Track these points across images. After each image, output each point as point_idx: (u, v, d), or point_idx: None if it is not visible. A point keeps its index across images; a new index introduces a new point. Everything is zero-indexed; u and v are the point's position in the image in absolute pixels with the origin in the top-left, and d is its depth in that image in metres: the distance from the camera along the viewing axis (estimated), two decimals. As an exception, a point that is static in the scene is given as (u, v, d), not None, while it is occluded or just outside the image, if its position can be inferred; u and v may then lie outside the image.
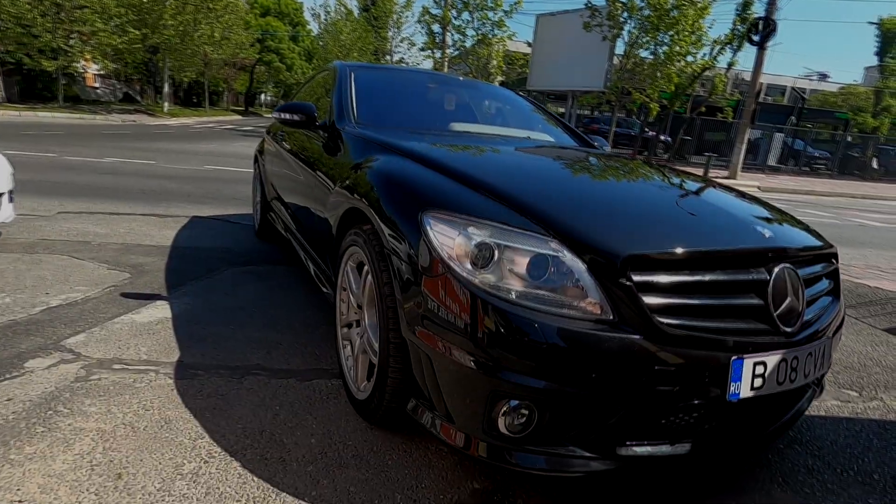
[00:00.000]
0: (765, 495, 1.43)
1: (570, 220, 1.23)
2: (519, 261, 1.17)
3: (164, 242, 3.54)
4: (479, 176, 1.44)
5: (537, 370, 1.10)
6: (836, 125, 26.22)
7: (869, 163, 21.29)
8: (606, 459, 1.16)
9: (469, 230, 1.21)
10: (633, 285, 1.12)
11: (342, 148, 2.09)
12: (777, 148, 20.48)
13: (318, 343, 2.20)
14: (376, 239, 1.46)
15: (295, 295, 2.74)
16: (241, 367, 1.92)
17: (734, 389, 1.17)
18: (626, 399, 1.12)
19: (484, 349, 1.12)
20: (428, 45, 18.44)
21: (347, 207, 1.69)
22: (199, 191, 5.77)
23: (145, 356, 1.94)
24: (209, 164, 8.27)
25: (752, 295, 1.23)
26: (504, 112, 2.94)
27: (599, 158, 2.07)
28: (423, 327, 1.22)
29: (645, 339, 1.11)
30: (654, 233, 1.26)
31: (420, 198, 1.36)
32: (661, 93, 16.09)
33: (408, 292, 1.27)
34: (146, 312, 2.35)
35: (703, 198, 1.61)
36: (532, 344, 1.09)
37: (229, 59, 28.19)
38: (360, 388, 1.60)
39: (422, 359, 1.24)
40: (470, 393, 1.16)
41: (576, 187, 1.59)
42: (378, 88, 2.60)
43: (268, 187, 3.57)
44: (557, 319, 1.10)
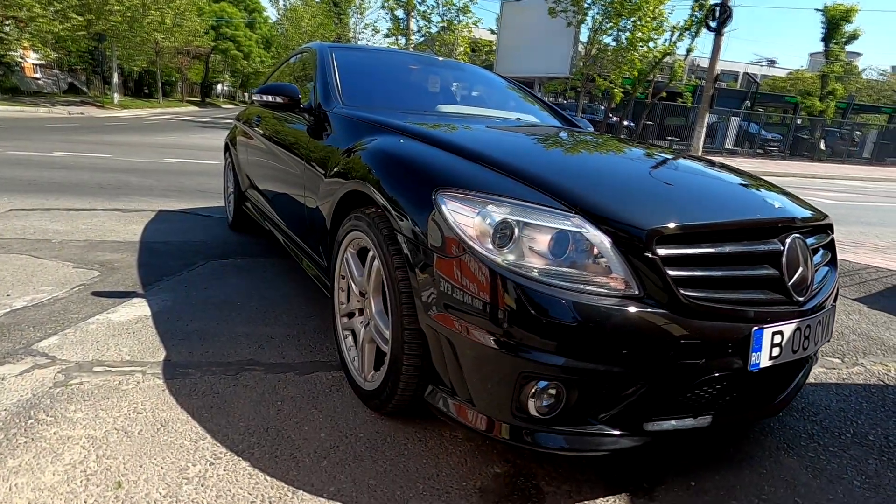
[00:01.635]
0: (774, 462, 1.46)
1: (591, 195, 1.20)
2: (540, 238, 1.14)
3: (131, 238, 3.35)
4: (488, 153, 1.39)
5: (566, 349, 1.07)
6: (786, 109, 27.38)
7: (817, 144, 22.39)
8: (635, 436, 1.15)
9: (488, 208, 1.17)
10: (658, 259, 1.10)
11: (329, 130, 2.00)
12: (733, 131, 21.25)
13: (311, 334, 2.12)
14: (384, 222, 1.39)
15: (279, 286, 2.64)
16: (234, 363, 1.83)
17: (755, 359, 1.18)
18: (654, 374, 1.11)
19: (511, 331, 1.08)
20: (392, 32, 18.10)
21: (346, 191, 1.61)
22: (162, 184, 5.49)
23: (128, 357, 1.81)
24: (169, 156, 7.89)
25: (766, 266, 1.24)
26: (489, 94, 2.89)
27: (596, 138, 2.05)
28: (442, 311, 1.17)
29: (671, 313, 1.10)
30: (673, 206, 1.25)
31: (430, 176, 1.30)
32: (623, 79, 16.38)
33: (423, 276, 1.22)
34: (122, 311, 2.20)
35: (708, 172, 1.61)
36: (560, 323, 1.06)
37: (182, 47, 26.92)
38: (368, 378, 1.54)
39: (442, 344, 1.20)
40: (497, 376, 1.12)
41: (586, 164, 1.56)
42: (361, 70, 2.50)
43: (242, 177, 3.42)
44: (585, 296, 1.08)
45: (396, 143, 1.54)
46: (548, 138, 1.87)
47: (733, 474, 1.39)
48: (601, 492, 1.28)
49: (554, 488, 1.28)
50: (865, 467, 1.47)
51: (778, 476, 1.40)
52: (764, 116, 23.71)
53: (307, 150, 2.06)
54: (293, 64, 3.14)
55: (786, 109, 27.45)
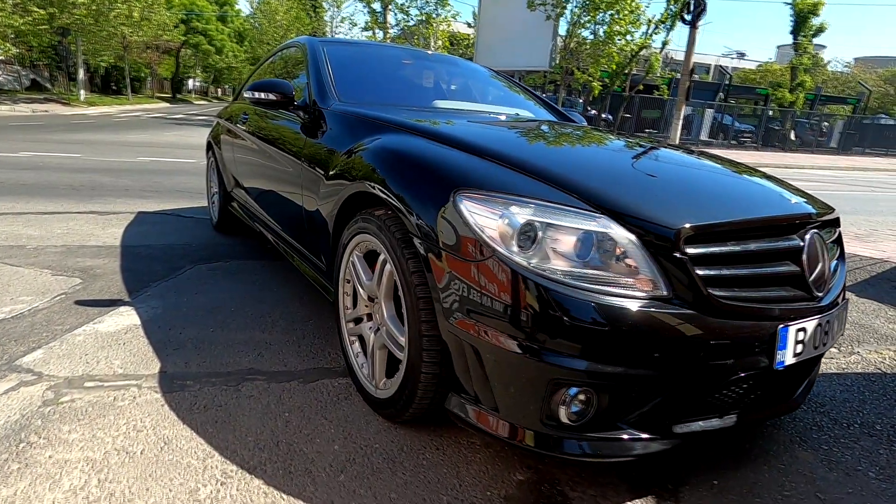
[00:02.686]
0: (791, 457, 1.46)
1: (616, 194, 1.17)
2: (566, 240, 1.10)
3: (111, 242, 3.21)
4: (505, 151, 1.35)
5: (597, 353, 1.04)
6: (757, 100, 28.02)
7: (788, 135, 22.99)
8: (664, 439, 1.13)
9: (511, 209, 1.12)
10: (687, 258, 1.08)
11: (325, 128, 1.93)
12: (708, 123, 21.65)
13: (311, 339, 2.05)
14: (396, 224, 1.34)
15: (272, 289, 2.56)
16: (234, 373, 1.75)
17: (780, 357, 1.17)
18: (684, 376, 1.09)
19: (540, 336, 1.04)
20: (370, 26, 17.84)
21: (351, 193, 1.55)
22: (138, 184, 5.30)
23: (120, 370, 1.72)
24: (142, 155, 7.64)
25: (787, 262, 1.23)
26: (484, 89, 2.84)
27: (604, 133, 2.02)
28: (466, 317, 1.13)
29: (700, 313, 1.07)
30: (697, 204, 1.23)
31: (447, 176, 1.25)
32: (601, 72, 16.49)
33: (444, 281, 1.17)
34: (110, 321, 2.10)
35: (722, 169, 1.59)
36: (591, 327, 1.03)
37: (151, 41, 26.06)
38: (380, 386, 1.49)
39: (465, 351, 1.15)
40: (525, 384, 1.09)
41: (605, 162, 1.53)
42: (354, 65, 2.42)
43: (227, 177, 3.30)
44: (614, 299, 1.05)
45: (406, 142, 1.48)
46: (559, 135, 1.83)
47: (752, 471, 1.39)
48: (627, 495, 1.26)
49: (579, 493, 1.25)
50: (878, 458, 1.48)
51: (796, 471, 1.40)
52: (736, 108, 24.22)
53: (304, 149, 1.98)
54: (280, 60, 3.04)
55: (756, 101, 28.10)
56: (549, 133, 1.85)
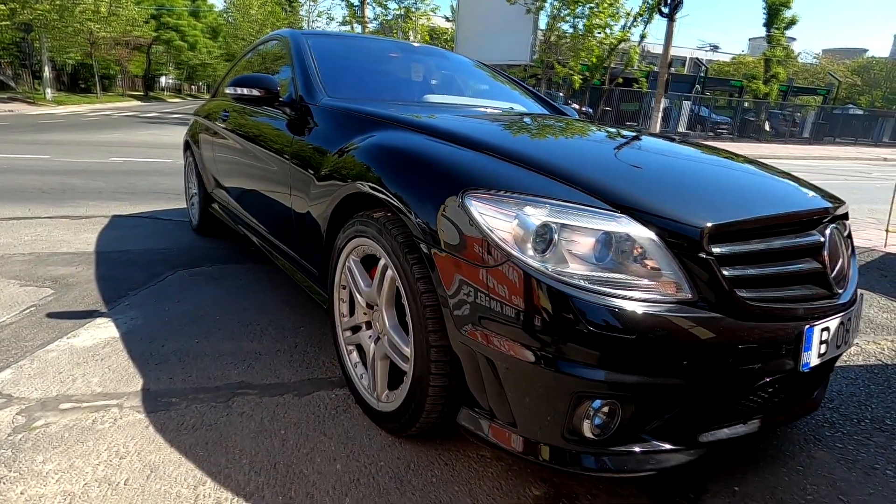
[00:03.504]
0: (808, 458, 1.43)
1: (633, 191, 1.10)
2: (584, 242, 1.03)
3: (85, 248, 3.04)
4: (510, 147, 1.27)
5: (624, 364, 0.97)
6: (732, 92, 28.48)
7: (762, 126, 23.43)
8: (690, 449, 1.08)
9: (525, 210, 1.05)
10: (713, 259, 1.02)
11: (313, 124, 1.82)
12: (686, 115, 21.92)
13: (303, 347, 1.95)
14: (398, 228, 1.25)
15: (259, 295, 2.44)
16: (224, 388, 1.65)
17: (805, 359, 1.12)
18: (712, 383, 1.03)
19: (561, 347, 0.97)
20: (347, 20, 17.54)
21: (346, 194, 1.45)
22: (111, 186, 5.08)
23: (99, 389, 1.60)
24: (115, 155, 7.35)
25: (809, 259, 1.18)
26: (474, 82, 2.76)
27: (606, 128, 1.95)
28: (480, 327, 1.05)
29: (728, 317, 1.02)
30: (717, 201, 1.17)
31: (454, 176, 1.16)
32: (581, 65, 16.52)
33: (454, 288, 1.09)
34: (85, 335, 1.96)
35: (735, 164, 1.53)
36: (617, 336, 0.96)
37: (120, 37, 25.25)
38: (382, 398, 1.40)
39: (479, 363, 1.07)
40: (546, 397, 1.01)
41: (620, 158, 1.45)
42: (340, 58, 2.31)
43: (207, 177, 3.16)
44: (638, 304, 0.98)
45: (406, 139, 1.39)
46: (563, 130, 1.75)
47: (771, 474, 1.35)
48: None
49: (599, 507, 1.19)
50: (894, 455, 1.46)
51: (815, 472, 1.37)
52: (713, 100, 24.58)
53: (291, 147, 1.87)
54: (259, 55, 2.90)
55: (731, 93, 28.56)
56: (552, 128, 1.77)
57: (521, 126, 1.74)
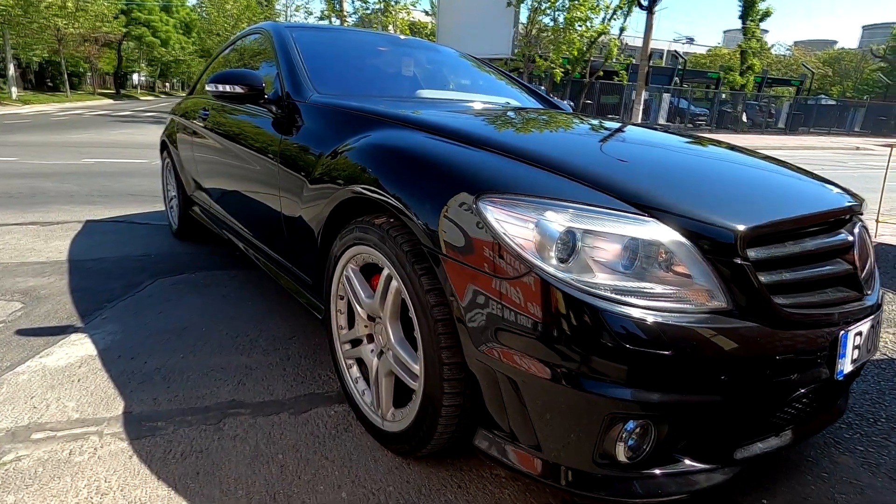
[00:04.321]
0: (831, 462, 1.38)
1: (661, 192, 1.02)
2: (610, 248, 0.95)
3: (56, 257, 2.87)
4: (522, 146, 1.18)
5: (662, 381, 0.89)
6: (709, 84, 28.86)
7: (740, 117, 23.80)
8: (726, 467, 1.01)
9: (546, 215, 0.96)
10: (749, 264, 0.94)
11: (302, 123, 1.71)
12: (665, 108, 22.13)
13: (297, 360, 1.84)
14: (403, 235, 1.15)
15: (247, 304, 2.32)
16: (214, 408, 1.53)
17: (841, 366, 1.06)
18: (749, 397, 0.96)
19: (593, 365, 0.89)
20: (326, 14, 17.21)
21: (344, 198, 1.35)
22: (84, 189, 4.86)
23: (76, 415, 1.47)
24: (87, 156, 7.07)
25: (839, 260, 1.12)
26: (466, 76, 2.66)
27: (614, 123, 1.86)
28: (501, 345, 0.96)
29: (766, 326, 0.95)
30: (748, 202, 1.10)
31: (465, 178, 1.07)
32: (562, 58, 16.52)
33: (470, 302, 1.00)
34: (59, 353, 1.82)
35: (752, 160, 1.46)
36: (654, 351, 0.88)
37: (89, 33, 24.40)
38: (388, 417, 1.31)
39: (500, 383, 0.99)
40: (576, 419, 0.93)
41: (641, 157, 1.37)
42: (327, 52, 2.19)
43: (186, 179, 3.01)
44: (670, 315, 0.90)
45: (407, 138, 1.28)
46: (573, 126, 1.66)
47: (798, 483, 1.29)
48: (676, 526, 1.14)
49: (625, 529, 1.12)
50: (916, 456, 1.42)
51: (841, 478, 1.32)
52: (691, 92, 24.86)
53: (280, 148, 1.75)
54: (237, 50, 2.75)
55: (708, 85, 28.93)
56: (560, 123, 1.68)
57: (528, 122, 1.65)
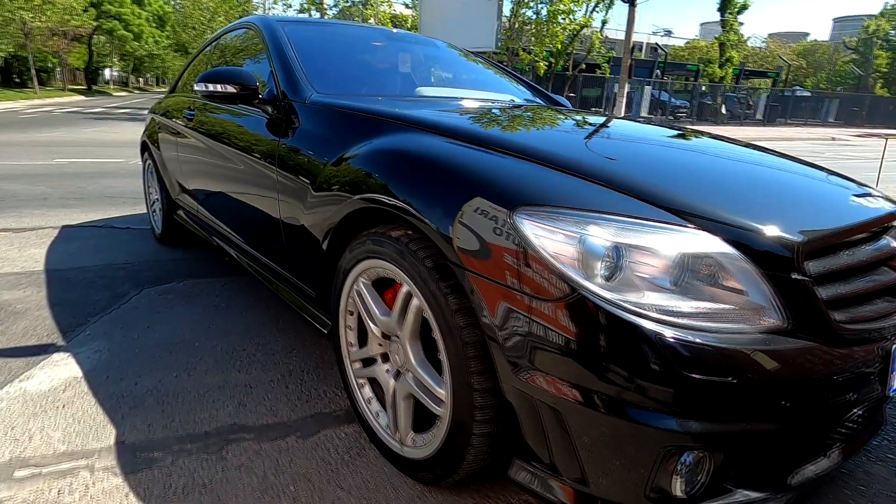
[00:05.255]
0: (865, 473, 1.34)
1: (708, 202, 0.95)
2: (660, 265, 0.87)
3: (33, 267, 2.70)
4: (551, 151, 1.09)
5: (721, 410, 0.82)
6: (689, 76, 29.16)
7: (719, 109, 24.11)
8: (780, 493, 0.94)
9: (590, 230, 0.88)
10: (808, 279, 0.88)
11: (301, 124, 1.60)
12: (647, 100, 22.28)
13: (299, 375, 1.74)
14: (426, 249, 1.06)
15: (240, 314, 2.20)
16: (214, 434, 1.43)
17: (892, 382, 1.00)
18: (809, 421, 0.90)
19: (650, 395, 0.81)
20: (305, 7, 16.84)
21: (355, 208, 1.25)
22: (57, 191, 4.63)
23: (63, 446, 1.35)
24: (59, 156, 6.78)
25: (885, 269, 1.07)
26: (464, 71, 2.56)
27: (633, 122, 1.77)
28: (543, 373, 0.88)
29: (825, 344, 0.88)
30: (799, 210, 1.04)
31: (498, 188, 0.97)
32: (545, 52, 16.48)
33: (507, 324, 0.91)
34: (41, 376, 1.69)
35: (788, 164, 1.39)
36: (712, 379, 0.81)
37: (57, 27, 23.50)
38: (407, 442, 1.22)
39: (542, 413, 0.91)
40: (628, 453, 0.86)
41: (678, 162, 1.28)
42: (322, 48, 2.07)
43: (170, 182, 2.86)
44: (727, 337, 0.83)
45: (428, 144, 1.18)
46: (597, 127, 1.56)
47: (836, 499, 1.25)
48: (720, 552, 1.08)
49: (668, 558, 1.05)
50: (947, 463, 1.39)
51: (879, 491, 1.28)
52: (671, 84, 25.09)
53: (278, 151, 1.63)
54: (221, 46, 2.61)
55: (687, 77, 29.24)
56: (582, 123, 1.59)
57: (547, 123, 1.55)
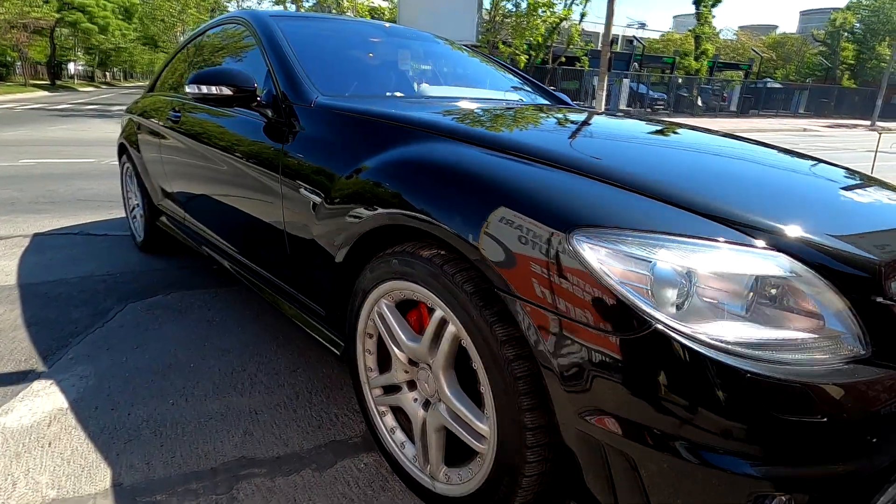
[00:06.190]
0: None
1: (778, 218, 0.87)
2: (735, 291, 0.79)
3: (3, 280, 2.50)
4: (602, 164, 1.00)
5: (810, 452, 0.75)
6: (664, 69, 29.53)
7: (695, 101, 24.49)
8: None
9: (659, 255, 0.79)
10: (892, 302, 0.81)
11: (301, 129, 1.48)
12: (626, 93, 22.48)
13: (307, 397, 1.63)
14: (465, 272, 0.96)
15: (238, 330, 2.07)
16: (221, 469, 1.31)
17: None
18: (889, 454, 0.84)
19: (734, 438, 0.74)
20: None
21: (379, 224, 1.14)
22: (26, 195, 4.36)
23: (53, 491, 1.22)
24: (26, 156, 6.43)
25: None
26: (465, 68, 2.45)
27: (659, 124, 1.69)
28: (612, 416, 0.79)
29: (906, 372, 0.82)
30: (874, 227, 0.97)
31: (551, 206, 0.88)
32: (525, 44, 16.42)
33: (568, 360, 0.82)
34: (22, 409, 1.54)
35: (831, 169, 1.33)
36: (803, 419, 0.74)
37: (16, 19, 22.45)
38: (440, 477, 1.13)
39: (609, 457, 0.82)
40: (709, 502, 0.78)
41: (727, 171, 1.21)
42: (321, 46, 1.94)
43: (153, 187, 2.69)
44: (811, 369, 0.76)
45: (467, 156, 1.07)
46: (633, 132, 1.46)
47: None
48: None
49: None
50: None
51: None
52: (648, 77, 25.36)
53: (283, 159, 1.51)
54: (207, 42, 2.44)
55: (663, 69, 29.61)
56: (612, 128, 1.50)
57: (585, 129, 1.45)
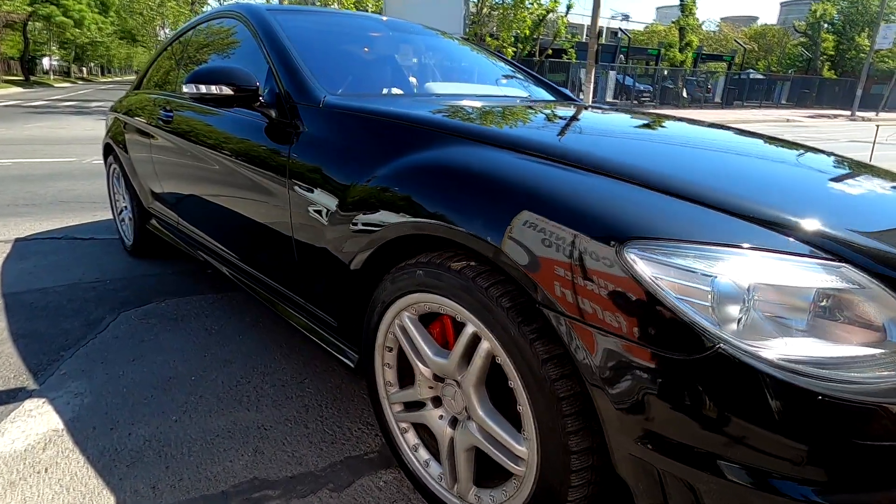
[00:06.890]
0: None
1: (837, 226, 0.82)
2: (800, 306, 0.74)
3: (-14, 291, 2.38)
4: (650, 170, 0.93)
5: (884, 477, 0.71)
6: (649, 60, 29.66)
7: (681, 93, 24.65)
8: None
9: (718, 267, 0.74)
10: (958, 314, 0.77)
11: (306, 130, 1.40)
12: (612, 85, 22.53)
13: (318, 410, 1.56)
14: (500, 286, 0.90)
15: (237, 338, 1.98)
16: (233, 493, 1.24)
17: None
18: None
19: (805, 464, 0.69)
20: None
21: (402, 234, 1.07)
22: (4, 198, 4.19)
23: (53, 524, 1.14)
24: (2, 156, 6.20)
25: None
26: (467, 63, 2.38)
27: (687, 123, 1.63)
28: (671, 440, 0.74)
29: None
30: None
31: (599, 217, 0.82)
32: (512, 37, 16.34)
33: (621, 380, 0.77)
34: (14, 431, 1.44)
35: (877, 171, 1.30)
36: (882, 441, 0.69)
37: (-14, 13, 21.70)
38: (469, 497, 1.07)
39: (667, 486, 0.77)
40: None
41: (776, 175, 1.15)
42: (323, 41, 1.85)
43: (142, 189, 2.57)
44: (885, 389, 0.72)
45: (502, 163, 0.99)
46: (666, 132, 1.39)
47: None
48: None
49: None
50: None
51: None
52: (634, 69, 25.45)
53: (289, 162, 1.42)
54: (199, 38, 2.33)
55: (648, 61, 29.74)
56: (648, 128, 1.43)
57: (618, 130, 1.38)
